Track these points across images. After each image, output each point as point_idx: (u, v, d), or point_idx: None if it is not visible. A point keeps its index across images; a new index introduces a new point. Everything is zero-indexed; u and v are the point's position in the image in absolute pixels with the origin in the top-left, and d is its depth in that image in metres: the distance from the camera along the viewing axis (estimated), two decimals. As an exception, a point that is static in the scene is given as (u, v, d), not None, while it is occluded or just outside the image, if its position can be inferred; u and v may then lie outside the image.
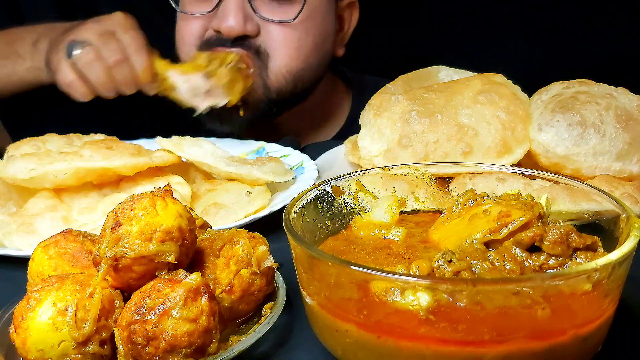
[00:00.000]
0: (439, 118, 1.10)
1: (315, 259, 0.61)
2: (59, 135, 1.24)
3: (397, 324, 0.56)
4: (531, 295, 0.54)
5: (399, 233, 0.75)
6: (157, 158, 1.10)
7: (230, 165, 1.13)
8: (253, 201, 1.09)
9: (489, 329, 0.54)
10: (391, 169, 0.86)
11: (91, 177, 1.08)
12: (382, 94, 1.21)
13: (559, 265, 0.62)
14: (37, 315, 0.63)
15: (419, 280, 0.56)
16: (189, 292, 0.62)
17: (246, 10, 1.51)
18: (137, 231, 0.65)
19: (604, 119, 1.05)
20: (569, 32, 2.25)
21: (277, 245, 0.81)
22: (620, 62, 2.22)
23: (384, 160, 1.13)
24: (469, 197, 0.74)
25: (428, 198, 0.87)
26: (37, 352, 0.63)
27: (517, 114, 1.10)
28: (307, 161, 1.30)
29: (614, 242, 0.66)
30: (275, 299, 0.76)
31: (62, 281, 0.66)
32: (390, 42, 2.07)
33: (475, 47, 2.32)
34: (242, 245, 0.73)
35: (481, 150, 1.08)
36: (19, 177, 1.05)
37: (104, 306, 0.65)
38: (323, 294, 0.62)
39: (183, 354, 0.62)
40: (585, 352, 0.60)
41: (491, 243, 0.65)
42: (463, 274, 0.60)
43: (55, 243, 0.76)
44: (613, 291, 0.59)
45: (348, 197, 0.83)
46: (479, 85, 1.15)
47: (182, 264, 0.68)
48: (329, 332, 0.63)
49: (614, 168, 1.04)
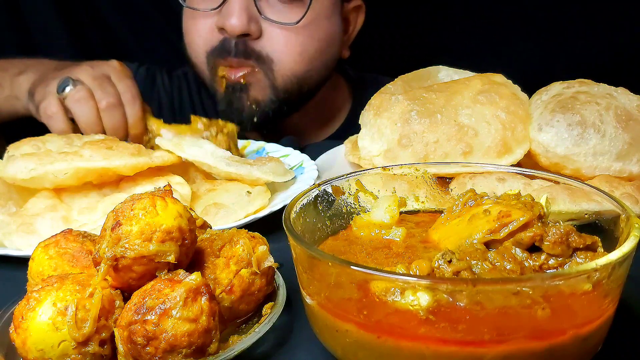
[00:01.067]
0: (439, 118, 1.10)
1: (315, 259, 0.61)
2: (59, 135, 1.24)
3: (397, 324, 0.56)
4: (531, 295, 0.54)
5: (399, 233, 0.75)
6: (157, 158, 1.10)
7: (230, 165, 1.13)
8: (253, 201, 1.09)
9: (489, 329, 0.54)
10: (391, 169, 0.86)
11: (91, 177, 1.08)
12: (382, 94, 1.21)
13: (559, 265, 0.62)
14: (37, 315, 0.63)
15: (419, 280, 0.56)
16: (189, 292, 0.62)
17: (251, 11, 1.52)
18: (137, 231, 0.65)
19: (604, 119, 1.05)
20: (569, 32, 2.25)
21: (277, 245, 0.81)
22: (620, 62, 2.22)
23: (384, 160, 1.13)
24: (469, 197, 0.73)
25: (428, 198, 0.87)
26: (37, 352, 0.63)
27: (517, 114, 1.10)
28: (307, 161, 1.30)
29: (614, 242, 0.66)
30: (275, 299, 0.76)
31: (62, 281, 0.66)
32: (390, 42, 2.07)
33: (475, 47, 2.32)
34: (242, 245, 0.73)
35: (481, 150, 1.08)
36: (19, 177, 1.05)
37: (104, 306, 0.65)
38: (323, 294, 0.62)
39: (183, 354, 0.62)
40: (585, 352, 0.60)
41: (491, 243, 0.65)
42: (463, 274, 0.60)
43: (55, 243, 0.76)
44: (613, 291, 0.59)
45: (348, 197, 0.83)
46: (479, 85, 1.15)
47: (182, 264, 0.68)
48: (329, 332, 0.63)
49: (614, 168, 1.04)
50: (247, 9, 1.51)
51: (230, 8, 1.51)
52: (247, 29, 1.51)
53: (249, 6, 1.51)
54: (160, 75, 1.98)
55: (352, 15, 1.78)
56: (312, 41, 1.60)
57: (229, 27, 1.51)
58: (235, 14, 1.49)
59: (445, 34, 2.40)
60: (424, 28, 2.37)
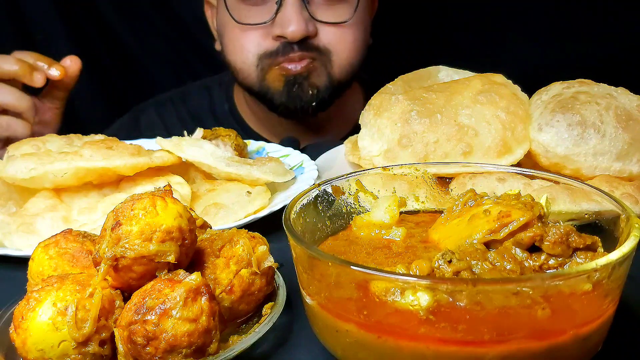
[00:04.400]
0: (439, 118, 1.10)
1: (315, 259, 0.61)
2: (59, 136, 1.24)
3: (397, 324, 0.56)
4: (531, 295, 0.54)
5: (399, 233, 0.75)
6: (157, 158, 1.10)
7: (230, 165, 1.13)
8: (253, 201, 1.09)
9: (489, 329, 0.54)
10: (391, 169, 0.86)
11: (91, 177, 1.08)
12: (382, 94, 1.21)
13: (559, 265, 0.62)
14: (37, 315, 0.63)
15: (419, 280, 0.56)
16: (189, 292, 0.62)
17: (305, 15, 1.64)
18: (137, 231, 0.65)
19: (604, 119, 1.05)
20: (569, 32, 2.25)
21: (277, 245, 0.81)
22: (620, 62, 2.22)
23: (384, 160, 1.13)
24: (469, 197, 0.73)
25: (428, 198, 0.87)
26: (37, 352, 0.63)
27: (517, 114, 1.10)
28: (307, 161, 1.30)
29: (614, 242, 0.66)
30: (275, 299, 0.76)
31: (62, 281, 0.66)
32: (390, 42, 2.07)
33: (475, 47, 2.32)
34: (242, 245, 0.73)
35: (481, 150, 1.08)
36: (19, 176, 1.05)
37: (104, 306, 0.65)
38: (323, 294, 0.62)
39: (183, 354, 0.62)
40: (585, 352, 0.60)
41: (491, 243, 0.65)
42: (463, 274, 0.60)
43: (55, 243, 0.76)
44: (613, 291, 0.59)
45: (348, 197, 0.83)
46: (479, 85, 1.15)
47: (182, 264, 0.68)
48: (329, 332, 0.63)
49: (614, 168, 1.04)
50: (302, 14, 1.63)
51: (287, 17, 1.63)
52: (307, 31, 1.64)
53: (302, 12, 1.64)
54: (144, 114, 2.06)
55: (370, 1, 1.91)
56: (361, 32, 1.76)
57: (290, 34, 1.62)
58: (294, 22, 1.62)
59: (445, 34, 2.40)
60: (424, 28, 2.37)
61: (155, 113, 2.04)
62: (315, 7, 1.67)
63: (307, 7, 1.64)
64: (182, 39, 2.51)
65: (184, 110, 2.05)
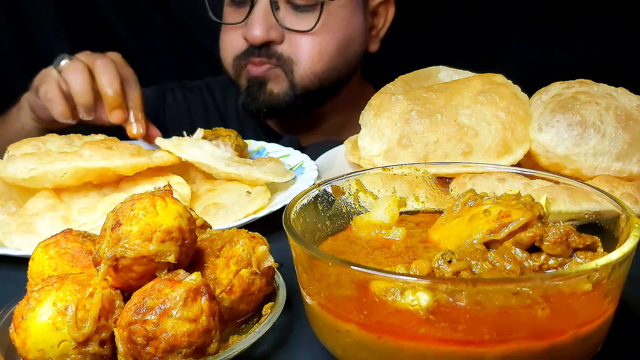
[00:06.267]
0: (439, 118, 1.10)
1: (315, 259, 0.61)
2: (59, 135, 1.24)
3: (397, 324, 0.56)
4: (531, 295, 0.54)
5: (399, 233, 0.75)
6: (157, 158, 1.10)
7: (230, 165, 1.13)
8: (253, 201, 1.09)
9: (489, 329, 0.54)
10: (391, 169, 0.86)
11: (91, 177, 1.08)
12: (382, 94, 1.21)
13: (559, 265, 0.62)
14: (37, 315, 0.63)
15: (419, 280, 0.56)
16: (189, 292, 0.62)
17: (270, 21, 1.66)
18: (137, 231, 0.65)
19: (604, 119, 1.05)
20: (569, 32, 2.25)
21: (277, 245, 0.81)
22: (620, 62, 2.22)
23: (384, 160, 1.13)
24: (469, 197, 0.73)
25: (428, 198, 0.87)
26: (37, 352, 0.63)
27: (517, 114, 1.10)
28: (307, 161, 1.30)
29: (614, 242, 0.66)
30: (275, 299, 0.76)
31: (62, 281, 0.66)
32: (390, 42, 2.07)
33: (475, 47, 2.32)
34: (242, 245, 0.73)
35: (481, 150, 1.08)
36: (19, 176, 1.05)
37: (104, 306, 0.65)
38: (323, 294, 0.62)
39: (183, 354, 0.62)
40: (585, 352, 0.60)
41: (491, 243, 0.65)
42: (463, 274, 0.60)
43: (55, 243, 0.76)
44: (613, 291, 0.59)
45: (348, 197, 0.83)
46: (479, 86, 1.15)
47: (182, 264, 0.68)
48: (329, 332, 0.63)
49: (614, 168, 1.04)
50: (267, 20, 1.65)
51: (253, 20, 1.66)
52: (267, 38, 1.66)
53: (268, 17, 1.65)
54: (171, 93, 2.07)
55: (381, 9, 1.88)
56: (331, 41, 1.72)
57: (250, 37, 1.67)
58: (256, 27, 1.65)
59: (446, 34, 2.40)
60: (424, 28, 2.37)
61: (181, 96, 2.06)
62: (285, 14, 1.67)
63: (275, 13, 1.65)
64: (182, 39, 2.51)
65: (210, 101, 2.08)
